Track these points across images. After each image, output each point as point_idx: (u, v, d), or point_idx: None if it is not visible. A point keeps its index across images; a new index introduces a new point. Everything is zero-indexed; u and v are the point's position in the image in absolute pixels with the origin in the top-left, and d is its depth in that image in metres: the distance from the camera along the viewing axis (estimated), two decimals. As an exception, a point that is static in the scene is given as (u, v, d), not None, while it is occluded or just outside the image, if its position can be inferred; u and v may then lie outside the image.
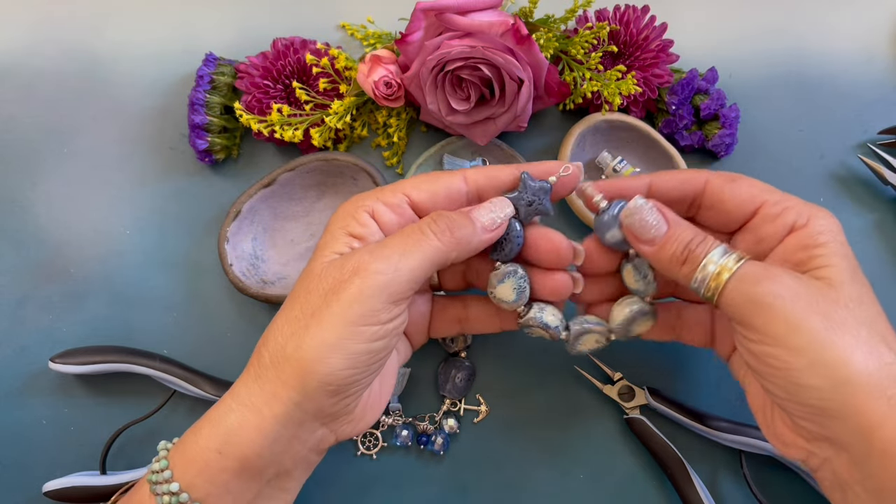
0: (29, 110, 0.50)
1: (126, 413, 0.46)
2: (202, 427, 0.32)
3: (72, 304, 0.48)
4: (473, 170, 0.36)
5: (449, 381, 0.46)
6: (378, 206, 0.34)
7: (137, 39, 0.51)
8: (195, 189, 0.49)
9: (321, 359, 0.31)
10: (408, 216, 0.35)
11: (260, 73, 0.47)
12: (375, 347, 0.32)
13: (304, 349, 0.31)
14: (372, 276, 0.31)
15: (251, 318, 0.48)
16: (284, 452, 0.32)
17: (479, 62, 0.41)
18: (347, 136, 0.49)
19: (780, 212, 0.33)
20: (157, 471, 0.32)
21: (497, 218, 0.35)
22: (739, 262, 0.32)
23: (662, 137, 0.47)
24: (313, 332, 0.31)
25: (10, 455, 0.47)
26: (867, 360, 0.29)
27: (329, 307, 0.31)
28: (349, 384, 0.32)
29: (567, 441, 0.46)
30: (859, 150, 0.50)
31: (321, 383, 0.31)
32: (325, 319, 0.31)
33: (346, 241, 0.33)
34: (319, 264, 0.33)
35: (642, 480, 0.46)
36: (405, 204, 0.34)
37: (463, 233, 0.33)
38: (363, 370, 0.32)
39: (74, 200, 0.49)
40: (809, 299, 0.30)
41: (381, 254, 0.32)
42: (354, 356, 0.31)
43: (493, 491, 0.46)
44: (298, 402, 0.31)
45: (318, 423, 0.33)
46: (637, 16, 0.47)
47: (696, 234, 0.34)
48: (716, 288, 0.32)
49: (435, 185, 0.35)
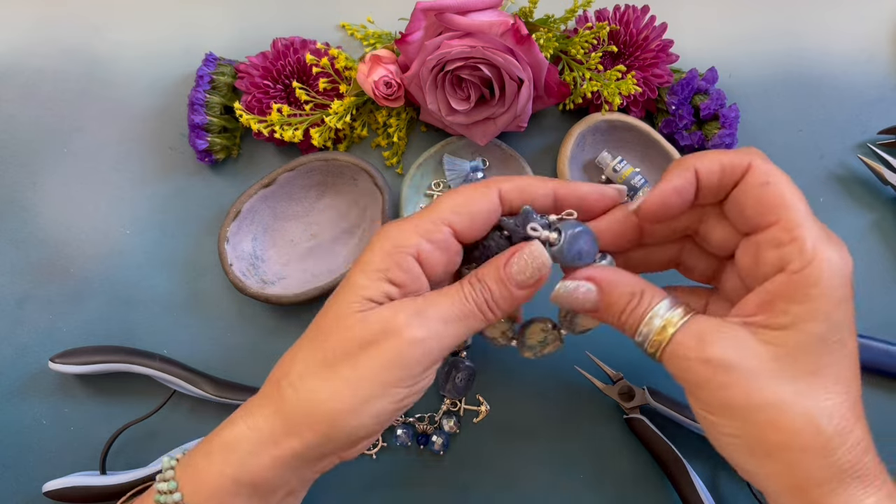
0: (29, 110, 0.50)
1: (126, 413, 0.46)
2: (213, 450, 0.32)
3: (72, 304, 0.48)
4: (508, 184, 0.33)
5: (449, 381, 0.46)
6: (424, 245, 0.31)
7: (137, 39, 0.51)
8: (195, 189, 0.49)
9: (354, 413, 0.30)
10: (453, 251, 0.32)
11: (260, 73, 0.47)
12: (405, 405, 0.32)
13: (338, 400, 0.30)
14: (416, 343, 0.30)
15: (251, 318, 0.48)
16: (294, 478, 0.33)
17: (479, 62, 0.41)
18: (347, 136, 0.49)
19: (787, 240, 0.29)
20: (164, 491, 0.32)
21: (534, 275, 0.32)
22: (685, 318, 0.31)
23: (662, 137, 0.47)
24: (350, 385, 0.31)
25: (10, 455, 0.47)
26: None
27: (368, 362, 0.30)
28: (373, 434, 0.32)
29: (567, 441, 0.46)
30: (859, 150, 0.50)
31: (348, 435, 0.31)
32: (363, 374, 0.30)
33: (384, 290, 0.31)
34: (353, 310, 0.31)
35: (642, 480, 0.46)
36: (451, 237, 0.32)
37: (498, 304, 0.32)
38: (389, 423, 0.32)
39: (74, 200, 0.49)
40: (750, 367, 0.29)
41: (426, 319, 0.31)
42: (386, 414, 0.31)
43: (492, 491, 0.46)
44: (320, 443, 0.31)
45: (336, 458, 0.33)
46: (637, 16, 0.47)
47: (634, 293, 0.32)
48: (659, 343, 0.31)
49: (473, 209, 0.32)
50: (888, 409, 0.46)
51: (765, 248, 0.30)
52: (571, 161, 0.47)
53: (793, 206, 0.30)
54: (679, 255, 0.37)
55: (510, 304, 0.32)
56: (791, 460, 0.28)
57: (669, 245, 0.36)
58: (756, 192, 0.30)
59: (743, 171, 0.31)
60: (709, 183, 0.31)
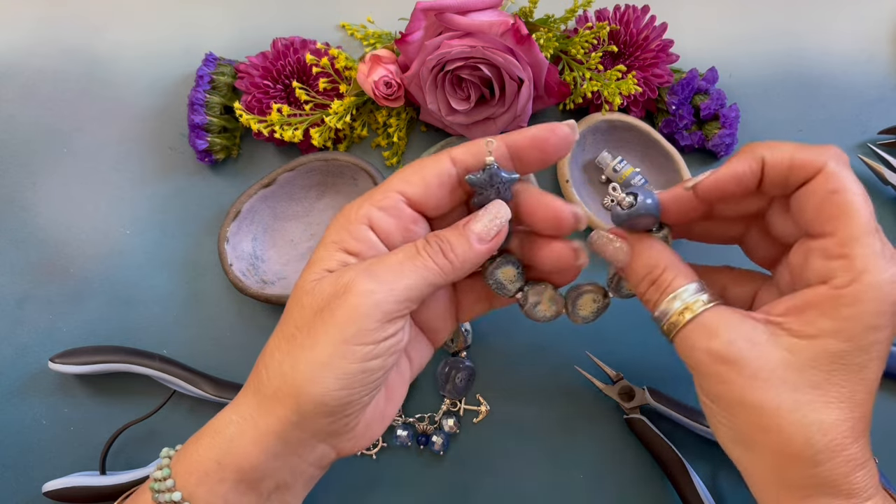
0: (29, 110, 0.50)
1: (126, 413, 0.46)
2: (203, 436, 0.32)
3: (72, 304, 0.48)
4: (461, 148, 0.33)
5: (449, 381, 0.46)
6: (374, 212, 0.32)
7: (137, 39, 0.51)
8: (195, 189, 0.49)
9: (315, 379, 0.30)
10: (407, 216, 0.33)
11: (260, 73, 0.47)
12: (371, 367, 0.31)
13: (299, 370, 0.31)
14: (365, 294, 0.30)
15: (251, 318, 0.48)
16: (283, 467, 0.32)
17: (479, 62, 0.41)
18: (347, 136, 0.49)
19: (838, 255, 0.29)
20: (159, 479, 0.32)
21: (493, 228, 0.33)
22: (707, 305, 0.31)
23: (662, 137, 0.47)
24: (307, 352, 0.31)
25: (10, 455, 0.47)
26: None
27: (322, 325, 0.31)
28: (345, 404, 0.31)
29: (567, 441, 0.46)
30: (859, 150, 0.50)
31: (316, 404, 0.31)
32: (319, 338, 0.31)
33: (340, 259, 0.32)
34: (310, 281, 0.32)
35: (642, 480, 0.46)
36: (402, 204, 0.33)
37: (456, 253, 0.32)
38: (359, 390, 0.31)
39: (74, 200, 0.49)
40: (754, 367, 0.29)
41: (374, 273, 0.31)
42: (349, 376, 0.31)
43: (492, 491, 0.46)
44: (295, 421, 0.31)
45: (317, 441, 0.33)
46: (637, 16, 0.47)
47: (656, 266, 0.32)
48: (674, 325, 0.31)
49: (424, 175, 0.33)
50: (889, 408, 0.46)
51: (815, 255, 0.30)
52: (572, 161, 0.47)
53: (855, 220, 0.29)
54: (744, 234, 0.36)
55: (464, 250, 0.32)
56: (776, 462, 0.29)
57: (734, 223, 0.36)
58: (821, 198, 0.29)
59: (814, 171, 0.30)
60: (775, 176, 0.30)
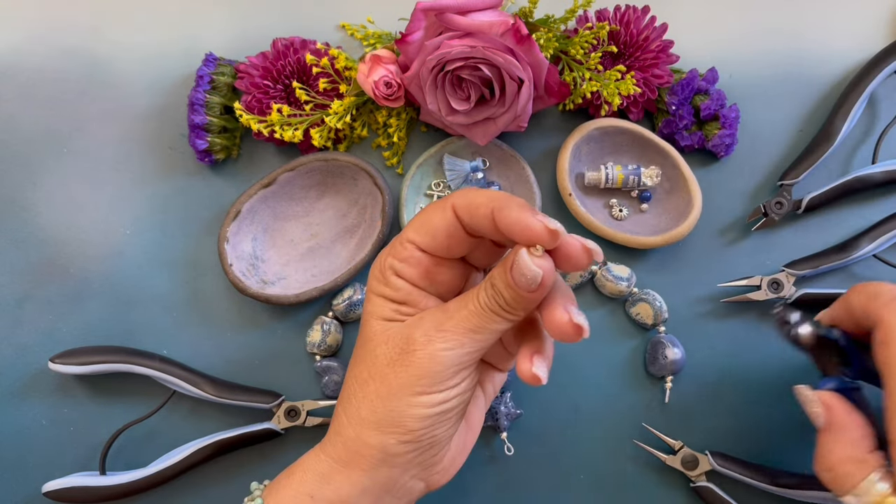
0: (29, 110, 0.50)
1: (126, 413, 0.46)
2: (294, 472, 0.35)
3: (72, 304, 0.48)
4: (460, 200, 0.33)
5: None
6: (396, 265, 0.34)
7: (137, 39, 0.51)
8: (195, 189, 0.49)
9: (394, 421, 0.33)
10: (424, 265, 0.35)
11: (260, 73, 0.47)
12: (446, 407, 0.33)
13: (379, 413, 0.33)
14: (438, 355, 0.32)
15: (251, 318, 0.48)
16: (374, 501, 0.34)
17: (479, 62, 0.41)
18: (347, 136, 0.49)
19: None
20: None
21: (536, 277, 0.31)
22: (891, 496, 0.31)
23: (655, 136, 0.47)
24: (382, 399, 0.33)
25: (9, 455, 0.47)
26: None
27: (395, 379, 0.33)
28: (427, 440, 0.34)
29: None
30: (859, 151, 0.50)
31: (399, 443, 0.33)
32: (391, 389, 0.33)
33: (390, 308, 0.34)
34: (373, 330, 0.35)
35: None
36: (417, 253, 0.34)
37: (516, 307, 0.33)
38: (438, 427, 0.34)
39: (74, 200, 0.49)
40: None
41: (444, 332, 0.33)
42: (427, 417, 0.33)
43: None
44: (382, 458, 0.33)
45: (408, 476, 0.35)
46: (637, 16, 0.47)
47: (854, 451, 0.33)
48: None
49: (430, 227, 0.34)
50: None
51: None
52: (570, 172, 0.47)
53: None
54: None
55: (523, 305, 0.33)
56: None
57: None
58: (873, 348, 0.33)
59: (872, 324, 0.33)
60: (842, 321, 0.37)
